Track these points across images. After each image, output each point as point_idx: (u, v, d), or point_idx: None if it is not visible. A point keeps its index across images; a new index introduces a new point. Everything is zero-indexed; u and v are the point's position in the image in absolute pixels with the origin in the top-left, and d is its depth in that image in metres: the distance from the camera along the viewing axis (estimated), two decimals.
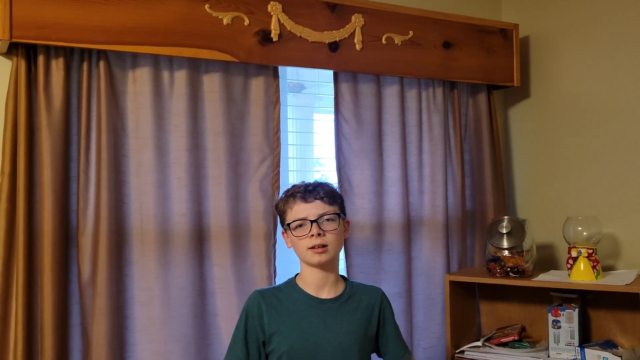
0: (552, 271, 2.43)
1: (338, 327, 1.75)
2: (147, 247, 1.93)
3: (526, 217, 2.44)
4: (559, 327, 2.25)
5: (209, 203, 2.04)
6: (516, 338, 2.33)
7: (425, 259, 2.43)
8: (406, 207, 2.39)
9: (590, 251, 2.19)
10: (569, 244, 2.26)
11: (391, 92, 2.40)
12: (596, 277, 2.17)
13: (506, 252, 2.29)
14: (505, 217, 2.35)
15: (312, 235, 1.69)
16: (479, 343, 2.33)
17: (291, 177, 2.49)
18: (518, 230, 2.30)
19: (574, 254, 2.22)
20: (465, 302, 2.49)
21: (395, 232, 2.36)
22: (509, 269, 2.28)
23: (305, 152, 2.54)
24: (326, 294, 1.77)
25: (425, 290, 2.42)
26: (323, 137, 2.50)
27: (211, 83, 2.06)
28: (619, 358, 2.08)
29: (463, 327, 2.44)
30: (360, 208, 2.32)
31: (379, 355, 1.88)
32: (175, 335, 1.93)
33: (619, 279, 2.15)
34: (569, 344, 2.23)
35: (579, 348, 2.18)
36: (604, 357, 2.11)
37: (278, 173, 2.16)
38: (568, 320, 2.24)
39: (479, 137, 2.61)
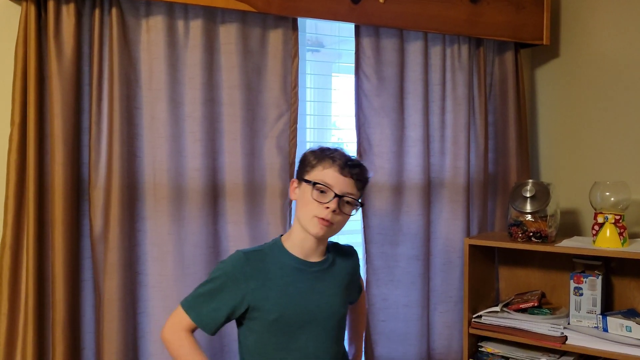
0: (575, 237, 2.36)
1: (326, 290, 1.72)
2: (160, 202, 1.89)
3: (551, 181, 2.36)
4: (581, 295, 2.18)
5: (223, 159, 1.99)
6: (536, 304, 2.27)
7: (444, 222, 2.37)
8: (427, 168, 2.32)
9: (618, 217, 2.11)
10: (595, 210, 2.18)
11: (414, 49, 2.30)
12: (622, 244, 2.10)
13: (529, 217, 2.22)
14: (530, 180, 2.27)
15: (328, 207, 1.63)
16: (497, 308, 2.28)
17: (308, 134, 2.42)
18: (542, 194, 2.22)
19: (600, 220, 2.14)
20: (484, 266, 2.43)
21: (415, 193, 2.29)
22: (531, 234, 2.21)
23: (323, 109, 2.47)
24: (314, 258, 1.73)
25: (443, 253, 2.37)
26: (342, 95, 2.42)
27: (227, 34, 1.98)
28: None
29: (481, 292, 2.39)
30: (379, 168, 2.25)
31: None
32: (188, 292, 1.88)
33: None
34: (590, 312, 2.17)
35: (600, 316, 2.12)
36: (626, 326, 2.05)
37: (295, 130, 2.09)
38: (591, 288, 2.18)
39: (504, 98, 2.52)
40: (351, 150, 2.04)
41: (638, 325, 2.03)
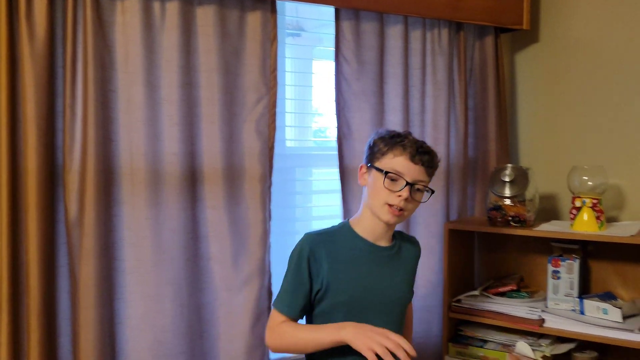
0: (553, 221, 2.38)
1: (394, 275, 1.74)
2: (137, 187, 1.86)
3: (530, 166, 2.37)
4: (559, 278, 2.20)
5: (202, 143, 1.96)
6: (514, 288, 2.29)
7: (424, 206, 2.32)
8: None
9: (595, 201, 2.13)
10: (573, 194, 2.19)
11: (394, 32, 2.28)
12: (600, 227, 2.12)
13: (508, 201, 2.23)
14: (509, 165, 2.28)
15: (400, 195, 1.63)
16: (476, 292, 2.30)
17: (288, 119, 2.40)
18: (521, 178, 2.23)
19: (577, 204, 2.16)
20: (464, 251, 2.44)
21: None
22: (510, 218, 2.23)
23: (304, 93, 2.44)
24: (382, 243, 1.74)
25: (423, 238, 2.35)
26: (323, 79, 2.40)
27: (205, 16, 1.94)
28: (619, 310, 2.05)
29: (461, 276, 2.41)
30: (359, 152, 2.23)
31: None
32: (166, 277, 1.88)
33: (622, 231, 2.09)
34: (568, 295, 2.19)
35: (578, 299, 2.15)
36: (603, 309, 2.08)
37: (274, 114, 2.07)
38: (568, 271, 2.20)
39: (484, 83, 2.52)
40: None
41: (614, 308, 2.06)
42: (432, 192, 1.73)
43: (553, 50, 2.57)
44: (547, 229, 2.20)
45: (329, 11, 2.21)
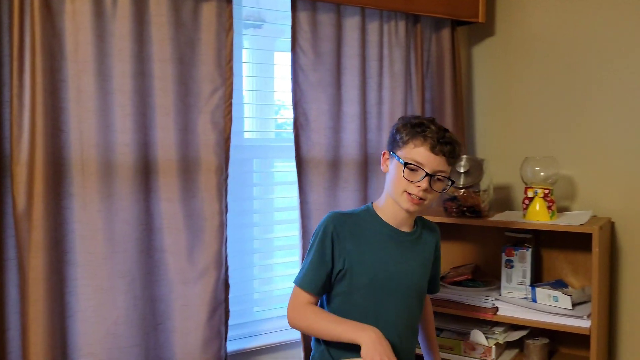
0: (507, 211, 2.42)
1: (414, 260, 1.77)
2: (89, 178, 1.82)
3: (486, 157, 2.40)
4: (512, 267, 2.25)
5: (155, 134, 1.93)
6: (469, 277, 2.33)
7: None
8: (364, 144, 2.33)
9: (547, 192, 2.18)
10: (526, 184, 2.23)
11: (351, 24, 2.29)
12: (551, 217, 2.17)
13: (463, 191, 2.26)
14: (464, 156, 2.30)
15: (419, 186, 1.64)
16: None
17: (248, 110, 2.39)
18: (476, 169, 2.26)
19: (530, 194, 2.20)
20: None
21: (352, 169, 2.30)
22: (465, 209, 2.26)
23: (265, 85, 2.43)
24: (404, 228, 1.77)
25: None
26: (285, 71, 2.39)
27: (158, 5, 1.91)
28: (569, 297, 2.10)
29: None
30: (316, 143, 2.24)
31: None
32: (118, 270, 1.85)
33: (573, 220, 2.14)
34: (520, 283, 2.24)
35: (530, 287, 2.19)
36: (554, 296, 2.13)
37: (230, 105, 2.05)
38: (521, 260, 2.24)
39: (440, 75, 2.54)
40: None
41: (564, 296, 2.11)
42: (452, 182, 1.75)
43: (508, 43, 2.61)
44: (501, 219, 2.24)
45: (286, 2, 2.20)
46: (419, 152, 1.66)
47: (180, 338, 1.96)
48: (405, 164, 1.65)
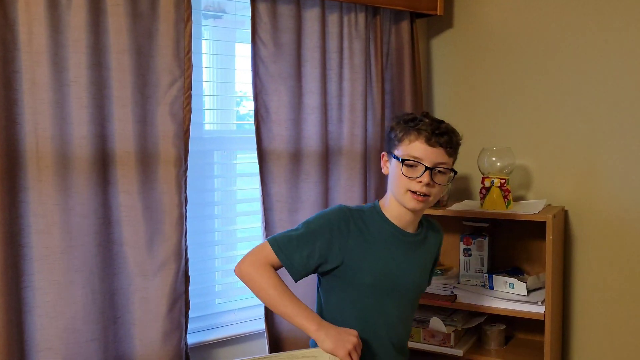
0: (466, 201, 2.47)
1: (416, 262, 1.74)
2: (44, 171, 1.79)
3: None
4: (470, 255, 2.30)
5: (113, 126, 1.91)
6: None
7: (342, 188, 2.41)
8: (324, 135, 2.34)
9: (503, 181, 2.23)
10: (483, 174, 2.28)
11: (311, 15, 2.30)
12: (507, 206, 2.22)
13: None
14: None
15: (421, 182, 1.60)
16: None
17: (208, 102, 2.38)
18: None
19: (487, 184, 2.25)
20: None
21: (313, 161, 2.31)
22: None
23: (226, 76, 2.42)
24: (410, 229, 1.73)
25: None
26: (247, 62, 2.38)
27: None
28: (524, 284, 2.16)
29: None
30: (277, 135, 2.24)
31: None
32: (76, 264, 1.83)
33: (528, 209, 2.20)
34: (478, 271, 2.29)
35: (487, 275, 2.25)
36: (510, 283, 2.18)
37: (190, 96, 2.04)
38: (478, 248, 2.30)
39: (400, 67, 2.57)
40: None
41: (520, 282, 2.17)
42: (455, 172, 1.70)
43: (466, 35, 2.65)
44: (459, 208, 2.29)
45: None
46: (415, 147, 1.61)
47: (140, 331, 1.95)
48: (403, 160, 1.61)
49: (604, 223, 2.26)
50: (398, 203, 1.68)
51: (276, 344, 2.28)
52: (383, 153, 1.75)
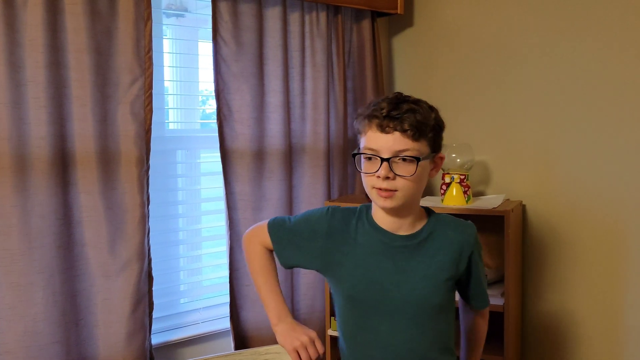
0: (427, 197, 2.51)
1: (412, 271, 1.44)
2: (1, 172, 1.76)
3: None
4: None
5: (72, 126, 1.89)
6: None
7: (306, 186, 2.43)
8: (287, 134, 2.35)
9: (463, 177, 2.27)
10: (443, 170, 2.32)
11: (273, 14, 2.30)
12: (467, 201, 2.26)
13: None
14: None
15: (379, 176, 1.37)
16: None
17: (171, 101, 2.37)
18: None
19: (447, 179, 2.29)
20: None
21: (276, 159, 2.32)
22: None
23: (190, 75, 2.41)
24: (401, 231, 1.47)
25: None
26: (208, 61, 2.37)
27: None
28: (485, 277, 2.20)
29: None
30: (240, 134, 2.25)
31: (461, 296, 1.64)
32: (36, 266, 1.81)
33: (487, 203, 2.25)
34: None
35: None
36: None
37: (151, 95, 2.02)
38: None
39: (362, 65, 2.60)
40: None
41: None
42: (432, 153, 1.43)
43: (426, 34, 2.69)
44: (420, 204, 2.32)
45: None
46: (370, 138, 1.39)
47: (103, 332, 1.94)
48: (354, 154, 1.44)
49: (558, 215, 2.33)
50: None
51: (242, 342, 2.29)
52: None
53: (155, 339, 2.14)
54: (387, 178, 1.36)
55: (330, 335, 2.37)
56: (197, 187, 2.43)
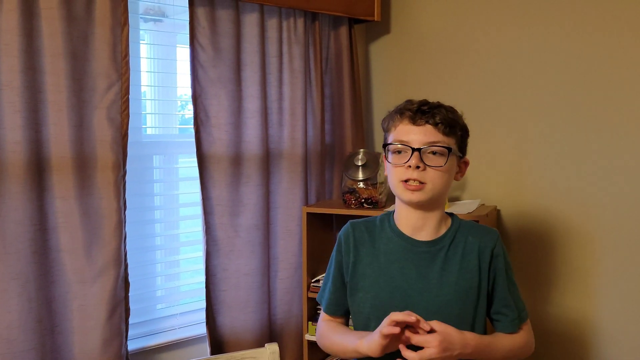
0: None
1: (434, 277, 1.43)
2: None
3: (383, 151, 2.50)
4: None
5: (48, 131, 1.88)
6: None
7: (283, 191, 2.44)
8: (265, 139, 2.36)
9: None
10: None
11: (251, 20, 2.32)
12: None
13: (361, 184, 2.35)
14: (361, 150, 2.40)
15: (409, 166, 1.37)
16: None
17: (148, 106, 2.36)
18: (373, 162, 2.36)
19: None
20: (323, 233, 2.54)
21: (254, 164, 2.33)
22: (363, 200, 2.35)
23: (168, 80, 2.40)
24: (424, 236, 1.46)
25: (283, 222, 2.44)
26: (186, 66, 2.37)
27: None
28: None
29: (320, 258, 2.50)
30: (217, 139, 2.25)
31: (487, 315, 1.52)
32: (11, 272, 1.79)
33: (462, 208, 2.28)
34: None
35: None
36: None
37: (127, 100, 2.02)
38: None
39: (339, 71, 2.62)
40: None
41: None
42: (460, 154, 1.46)
43: (403, 41, 2.73)
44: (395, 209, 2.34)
45: None
46: (400, 130, 1.42)
47: (79, 339, 1.92)
48: (385, 145, 1.45)
49: (532, 219, 2.37)
50: (401, 203, 1.47)
51: (218, 347, 2.29)
52: (383, 155, 1.52)
53: (132, 345, 2.13)
54: (417, 168, 1.37)
55: (308, 340, 2.39)
56: (175, 192, 2.43)
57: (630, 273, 2.15)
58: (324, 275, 2.39)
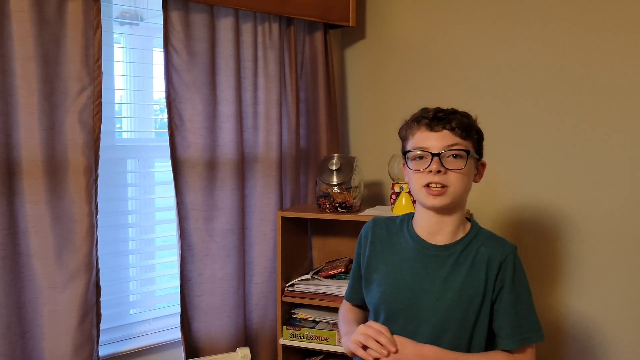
0: (378, 206, 2.55)
1: (439, 280, 1.48)
2: None
3: (359, 155, 2.52)
4: None
5: (19, 134, 1.86)
6: (343, 270, 2.43)
7: (258, 195, 2.44)
8: (240, 143, 2.36)
9: None
10: (393, 181, 2.37)
11: (225, 25, 2.32)
12: None
13: (335, 188, 2.36)
14: (336, 154, 2.41)
15: (431, 171, 1.43)
16: (308, 276, 2.41)
17: (124, 110, 2.35)
18: (347, 167, 2.37)
19: (397, 189, 2.34)
20: (297, 237, 2.55)
21: (229, 169, 2.33)
22: (337, 205, 2.36)
23: (144, 84, 2.39)
24: (439, 240, 1.52)
25: (258, 226, 2.44)
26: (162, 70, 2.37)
27: (19, 1, 1.84)
28: None
29: (294, 262, 2.50)
30: (192, 144, 2.25)
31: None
32: None
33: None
34: None
35: None
36: None
37: (100, 104, 2.01)
38: None
39: (314, 76, 2.63)
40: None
41: None
42: (477, 156, 1.52)
43: (378, 46, 2.75)
44: (371, 213, 2.36)
45: (159, 0, 2.18)
46: (419, 138, 1.48)
47: (49, 345, 1.90)
48: (405, 152, 1.51)
49: (503, 222, 2.40)
50: (422, 208, 1.53)
51: (193, 352, 2.28)
52: (402, 162, 1.59)
53: (104, 351, 2.12)
54: (438, 172, 1.43)
55: (282, 345, 2.39)
56: (150, 197, 2.42)
57: (614, 273, 2.19)
58: (298, 279, 2.40)
